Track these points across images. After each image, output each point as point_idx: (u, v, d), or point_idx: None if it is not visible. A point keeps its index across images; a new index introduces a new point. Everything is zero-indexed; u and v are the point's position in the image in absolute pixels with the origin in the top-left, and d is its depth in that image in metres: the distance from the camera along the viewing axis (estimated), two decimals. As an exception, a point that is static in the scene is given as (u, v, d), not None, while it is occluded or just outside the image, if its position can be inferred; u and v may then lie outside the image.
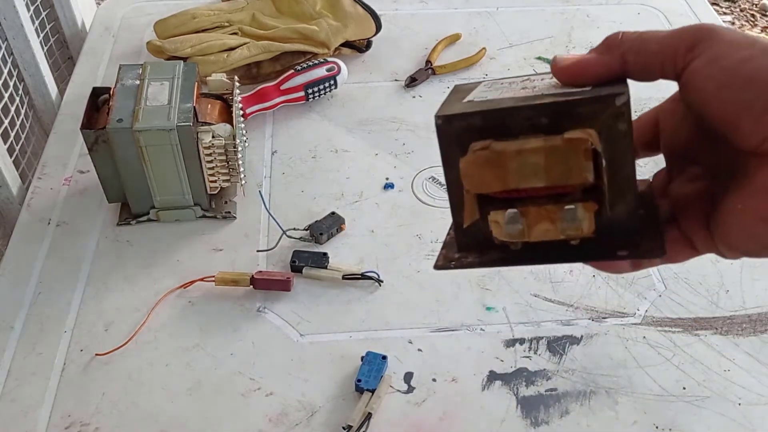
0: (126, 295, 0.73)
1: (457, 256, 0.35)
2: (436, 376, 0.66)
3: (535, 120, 0.31)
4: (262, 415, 0.63)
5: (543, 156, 0.31)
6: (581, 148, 0.30)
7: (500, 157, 0.31)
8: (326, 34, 0.95)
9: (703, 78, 0.30)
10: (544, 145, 0.31)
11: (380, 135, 0.91)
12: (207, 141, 0.73)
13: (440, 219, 0.80)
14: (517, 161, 0.31)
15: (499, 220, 0.32)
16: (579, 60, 0.33)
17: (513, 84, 0.35)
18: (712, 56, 0.30)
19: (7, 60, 0.92)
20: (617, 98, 0.30)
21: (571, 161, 0.31)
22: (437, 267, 0.36)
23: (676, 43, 0.31)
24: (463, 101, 0.34)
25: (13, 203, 0.85)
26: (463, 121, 0.32)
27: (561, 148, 0.30)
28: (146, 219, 0.79)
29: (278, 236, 0.76)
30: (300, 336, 0.69)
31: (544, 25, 1.09)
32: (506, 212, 0.32)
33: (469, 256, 0.35)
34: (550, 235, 0.32)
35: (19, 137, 0.91)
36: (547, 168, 0.31)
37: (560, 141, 0.31)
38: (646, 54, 0.32)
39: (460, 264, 0.35)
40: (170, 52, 0.92)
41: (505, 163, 0.31)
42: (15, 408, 0.64)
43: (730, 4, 2.39)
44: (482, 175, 0.32)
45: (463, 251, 0.35)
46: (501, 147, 0.31)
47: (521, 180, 0.31)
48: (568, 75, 0.33)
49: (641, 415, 0.64)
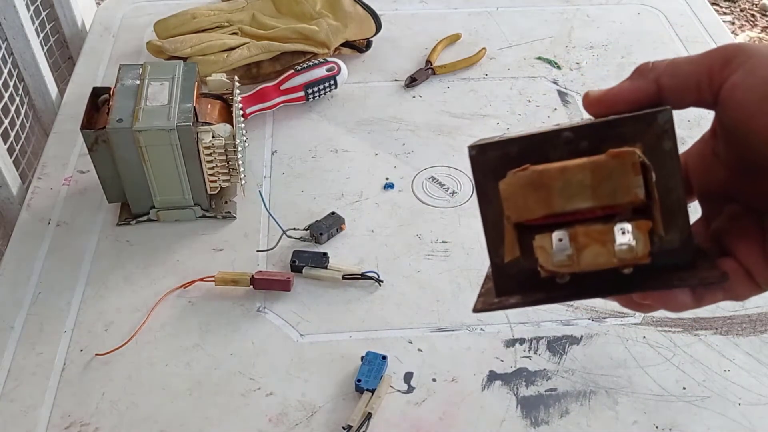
0: (126, 295, 0.73)
1: (497, 300, 0.32)
2: (436, 376, 0.66)
3: (575, 144, 0.30)
4: (262, 415, 0.63)
5: (589, 173, 0.29)
6: (629, 162, 0.29)
7: (543, 177, 0.29)
8: (326, 34, 0.95)
9: (745, 90, 0.29)
10: (589, 161, 0.29)
11: (380, 135, 0.91)
12: (207, 141, 0.73)
13: (440, 219, 0.80)
14: (562, 180, 0.29)
15: (546, 245, 0.30)
16: (612, 88, 0.32)
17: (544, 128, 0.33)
18: (750, 68, 0.29)
19: (7, 60, 0.92)
20: (660, 115, 0.29)
21: (619, 177, 0.29)
22: (476, 310, 0.33)
23: (710, 62, 0.30)
24: (492, 139, 0.32)
25: (13, 203, 0.85)
26: (499, 150, 0.31)
27: (608, 163, 0.29)
28: (146, 219, 0.79)
29: (278, 236, 0.76)
30: (300, 336, 0.69)
31: (544, 25, 1.09)
32: (553, 234, 0.29)
33: (511, 299, 0.32)
34: (601, 260, 0.29)
35: (19, 137, 0.91)
36: (594, 186, 0.29)
37: (607, 156, 0.29)
38: (681, 76, 0.31)
39: (502, 305, 0.32)
40: (170, 52, 0.92)
41: (549, 184, 0.29)
42: (15, 408, 0.64)
43: (730, 4, 2.39)
44: (525, 199, 0.30)
45: (503, 295, 0.32)
46: (543, 167, 0.29)
47: (567, 201, 0.29)
48: (604, 105, 0.32)
49: (641, 415, 0.64)
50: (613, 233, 0.29)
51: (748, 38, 2.25)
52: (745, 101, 0.29)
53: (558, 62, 1.02)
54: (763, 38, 2.25)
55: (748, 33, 2.27)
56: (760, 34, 2.27)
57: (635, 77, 0.32)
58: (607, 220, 0.29)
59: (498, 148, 0.31)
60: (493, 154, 0.31)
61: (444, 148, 0.89)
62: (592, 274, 0.30)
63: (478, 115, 0.94)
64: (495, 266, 0.32)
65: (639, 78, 0.32)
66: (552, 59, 1.03)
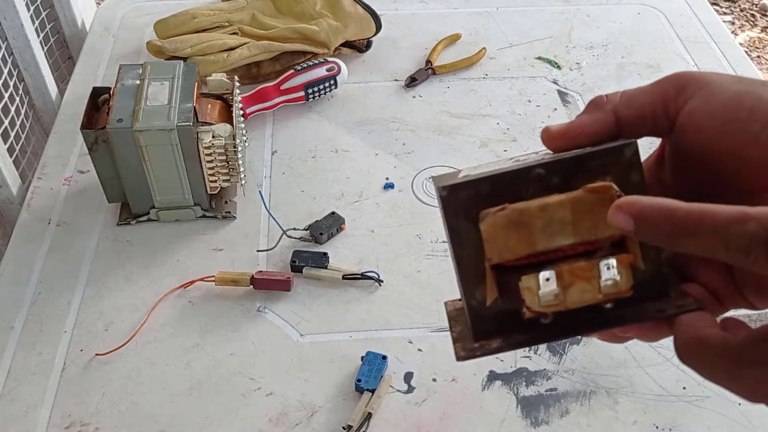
0: (126, 295, 0.73)
1: (477, 345, 0.32)
2: (436, 376, 0.66)
3: (546, 180, 0.30)
4: (262, 415, 0.63)
5: (569, 210, 0.29)
6: (607, 197, 0.29)
7: (524, 216, 0.29)
8: (326, 34, 0.95)
9: (704, 116, 0.29)
10: (567, 197, 0.29)
11: (380, 135, 0.91)
12: (207, 141, 0.73)
13: (440, 219, 0.80)
14: (543, 219, 0.29)
15: (533, 286, 0.29)
16: (571, 123, 0.32)
17: (500, 162, 0.33)
18: (708, 93, 0.30)
19: (7, 60, 0.92)
20: (626, 148, 0.30)
21: (598, 212, 0.29)
22: (460, 358, 0.32)
23: (663, 90, 0.31)
24: (458, 177, 0.31)
25: (13, 203, 0.85)
26: (471, 189, 0.30)
27: (586, 198, 0.29)
28: (146, 219, 0.79)
29: (278, 236, 0.76)
30: (300, 336, 0.69)
31: (544, 25, 1.09)
32: (540, 275, 0.29)
33: (492, 342, 0.32)
34: (587, 297, 0.29)
35: (19, 137, 0.92)
36: (575, 222, 0.29)
37: (583, 191, 0.29)
38: (637, 106, 0.31)
39: (486, 351, 0.32)
40: (170, 52, 0.92)
41: (530, 222, 0.29)
42: (15, 408, 0.64)
43: (730, 4, 2.39)
44: (506, 239, 0.29)
45: (481, 339, 0.32)
46: (522, 205, 0.29)
47: (549, 240, 0.29)
48: (565, 139, 0.32)
49: (641, 415, 0.64)
50: (598, 269, 0.29)
51: (748, 38, 2.25)
52: (705, 126, 0.30)
53: (558, 62, 1.02)
54: (763, 38, 2.25)
55: (748, 33, 2.27)
56: (760, 34, 2.27)
57: (591, 110, 0.32)
58: (589, 255, 0.30)
59: (469, 188, 0.30)
60: (464, 194, 0.30)
61: (444, 148, 0.89)
62: (573, 311, 0.30)
63: (478, 115, 0.94)
64: (471, 308, 0.32)
65: (596, 110, 0.32)
66: (552, 59, 1.03)
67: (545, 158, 0.31)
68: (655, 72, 1.00)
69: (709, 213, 0.25)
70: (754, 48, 2.21)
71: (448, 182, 0.31)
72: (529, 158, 0.33)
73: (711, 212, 0.25)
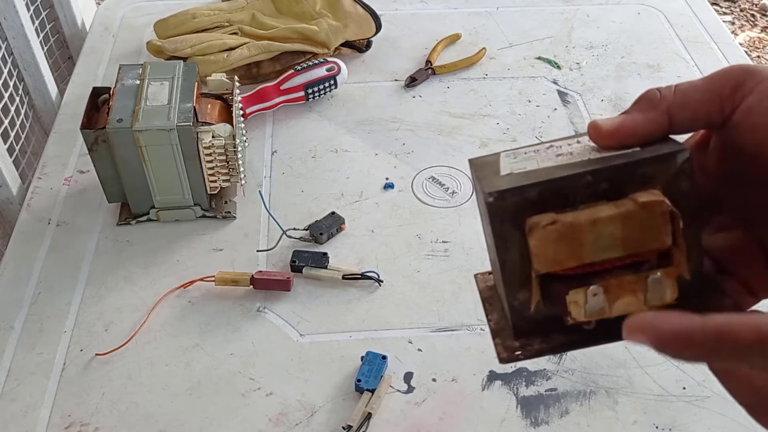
0: (126, 295, 0.73)
1: (518, 344, 0.32)
2: (436, 376, 0.66)
3: (594, 187, 0.30)
4: (262, 415, 0.63)
5: (620, 225, 0.29)
6: (659, 212, 0.29)
7: (575, 231, 0.29)
8: (326, 34, 0.95)
9: (762, 114, 0.29)
10: (618, 212, 0.29)
11: (380, 135, 0.91)
12: (207, 141, 0.73)
13: (440, 219, 0.80)
14: (593, 233, 0.29)
15: (580, 300, 0.30)
16: (624, 122, 0.31)
17: (540, 152, 0.33)
18: (764, 91, 0.29)
19: (7, 60, 0.92)
20: (679, 156, 0.29)
21: (649, 227, 0.29)
22: (503, 360, 0.32)
23: (719, 87, 0.30)
24: (501, 175, 0.31)
25: (13, 203, 0.85)
26: (519, 195, 0.30)
27: (638, 214, 0.29)
28: (146, 219, 0.79)
29: (278, 236, 0.76)
30: (300, 336, 0.69)
31: (544, 25, 1.09)
32: (588, 290, 0.29)
33: (534, 342, 0.32)
34: (632, 308, 0.30)
35: (19, 137, 0.92)
36: (625, 237, 0.29)
37: (635, 206, 0.29)
38: (692, 105, 0.30)
39: (529, 353, 0.32)
40: (170, 52, 0.92)
41: (580, 237, 0.29)
42: (15, 408, 0.64)
43: (730, 4, 2.39)
44: (555, 253, 0.29)
45: (522, 337, 0.32)
46: (571, 219, 0.29)
47: (597, 253, 0.29)
48: (615, 139, 0.31)
49: (641, 415, 0.64)
50: (645, 283, 0.29)
51: (748, 38, 2.25)
52: (762, 125, 0.29)
53: (558, 62, 1.02)
54: (763, 38, 2.25)
55: (748, 33, 2.27)
56: (760, 34, 2.27)
57: (645, 108, 0.31)
58: (635, 267, 0.30)
59: (517, 194, 0.30)
60: (511, 200, 0.30)
61: (444, 148, 0.89)
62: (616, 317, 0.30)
63: (478, 115, 0.94)
64: (512, 308, 0.32)
65: (650, 110, 0.31)
66: (552, 59, 1.03)
67: (592, 157, 0.31)
68: (655, 72, 1.00)
69: (727, 335, 0.24)
70: (754, 48, 2.21)
71: (493, 183, 0.30)
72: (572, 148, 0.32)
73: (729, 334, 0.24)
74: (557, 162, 0.31)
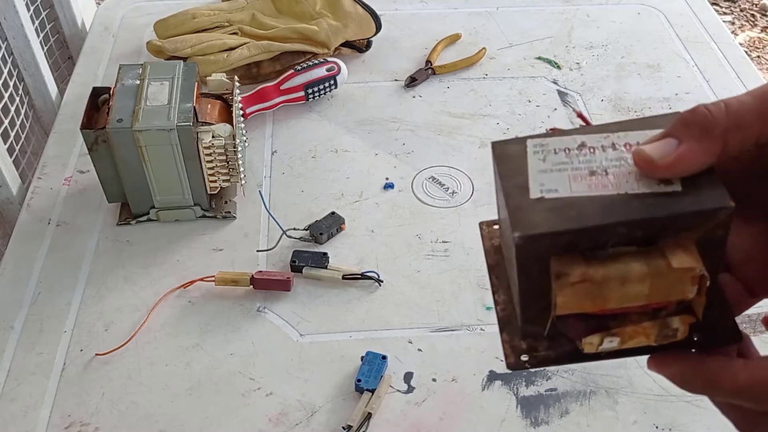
0: (126, 295, 0.73)
1: (525, 346, 0.33)
2: (436, 376, 0.66)
3: (629, 236, 0.29)
4: (262, 415, 0.63)
5: (648, 284, 0.29)
6: (689, 276, 0.29)
7: (603, 289, 0.29)
8: (326, 34, 0.95)
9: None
10: (649, 272, 0.29)
11: (380, 135, 0.91)
12: (207, 141, 0.73)
13: (440, 219, 0.80)
14: (620, 291, 0.29)
15: (594, 342, 0.31)
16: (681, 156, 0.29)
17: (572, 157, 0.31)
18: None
19: (7, 60, 0.92)
20: (722, 212, 0.28)
21: (677, 286, 0.29)
22: (510, 366, 0.33)
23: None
24: (530, 197, 0.30)
25: (13, 203, 0.85)
26: (548, 240, 0.29)
27: (668, 275, 0.29)
28: (146, 219, 0.79)
29: (278, 236, 0.76)
30: (300, 336, 0.69)
31: (544, 25, 1.09)
32: (606, 339, 0.31)
33: (539, 347, 0.33)
34: (642, 345, 0.31)
35: (19, 137, 0.92)
36: (650, 293, 0.29)
37: (667, 269, 0.29)
38: (745, 126, 0.29)
39: (535, 362, 0.33)
40: (170, 52, 0.92)
41: (606, 293, 0.29)
42: (15, 408, 0.64)
43: (730, 4, 2.39)
44: (580, 305, 0.30)
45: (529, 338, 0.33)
46: (601, 276, 0.29)
47: (621, 303, 0.30)
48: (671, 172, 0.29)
49: (641, 415, 0.64)
50: (660, 326, 0.30)
51: (748, 38, 2.25)
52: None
53: (558, 62, 1.02)
54: (763, 38, 2.25)
55: (748, 33, 2.27)
56: (760, 34, 2.27)
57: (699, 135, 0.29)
58: (654, 313, 0.30)
59: (548, 239, 0.29)
60: (541, 244, 0.29)
61: (444, 148, 0.89)
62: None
63: (478, 115, 0.94)
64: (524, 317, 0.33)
65: (705, 137, 0.29)
66: (552, 59, 1.03)
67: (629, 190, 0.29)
68: (655, 72, 1.00)
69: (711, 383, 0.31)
70: (754, 48, 2.21)
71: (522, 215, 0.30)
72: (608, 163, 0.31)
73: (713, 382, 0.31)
74: (591, 188, 0.30)
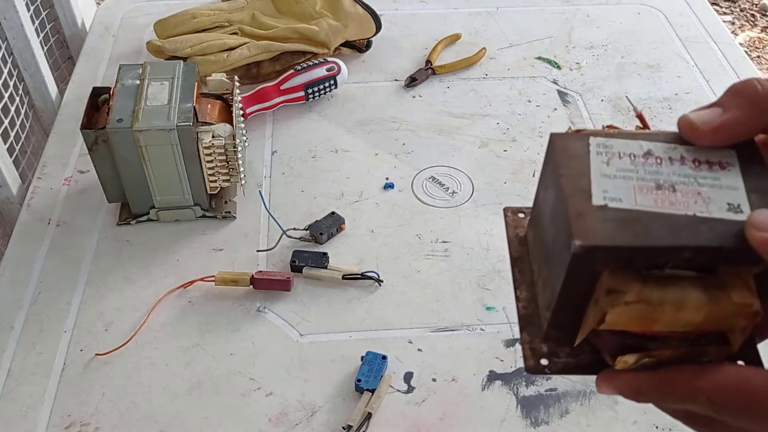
0: (126, 295, 0.73)
1: (546, 349, 0.33)
2: (436, 376, 0.66)
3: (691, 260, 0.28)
4: (262, 415, 0.63)
5: (703, 316, 0.28)
6: (744, 312, 0.28)
7: (656, 314, 0.28)
8: (326, 34, 0.95)
9: None
10: (707, 302, 0.28)
11: (380, 135, 0.91)
12: (207, 141, 0.73)
13: (440, 219, 0.80)
14: (673, 316, 0.28)
15: (629, 361, 0.30)
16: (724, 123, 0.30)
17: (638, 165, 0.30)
18: None
19: (7, 60, 0.92)
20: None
21: (729, 320, 0.28)
22: (529, 370, 0.32)
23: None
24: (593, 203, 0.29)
25: (13, 203, 0.85)
26: (607, 254, 0.28)
27: (725, 309, 0.28)
28: (146, 219, 0.79)
29: (278, 236, 0.76)
30: (300, 336, 0.69)
31: (544, 25, 1.09)
32: (642, 360, 0.29)
33: (561, 353, 0.32)
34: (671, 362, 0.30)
35: (19, 137, 0.91)
36: (701, 323, 0.28)
37: (726, 300, 0.28)
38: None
39: (556, 368, 0.32)
40: (170, 52, 0.92)
41: (658, 316, 0.28)
42: (15, 408, 0.64)
43: (730, 4, 2.39)
44: (627, 323, 0.29)
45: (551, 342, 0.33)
46: (657, 298, 0.28)
47: (668, 328, 0.29)
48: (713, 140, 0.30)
49: (641, 415, 0.64)
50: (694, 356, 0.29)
51: (748, 38, 2.25)
52: None
53: (558, 62, 1.02)
54: (763, 38, 2.25)
55: (748, 33, 2.27)
56: (760, 34, 2.27)
57: (746, 105, 0.30)
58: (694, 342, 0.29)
59: (608, 251, 0.28)
60: (599, 255, 0.28)
61: (444, 148, 0.89)
62: None
63: (478, 115, 0.94)
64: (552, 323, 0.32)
65: (750, 107, 0.30)
66: (552, 59, 1.03)
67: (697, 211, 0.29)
68: (655, 72, 1.00)
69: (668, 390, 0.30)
70: (754, 48, 2.21)
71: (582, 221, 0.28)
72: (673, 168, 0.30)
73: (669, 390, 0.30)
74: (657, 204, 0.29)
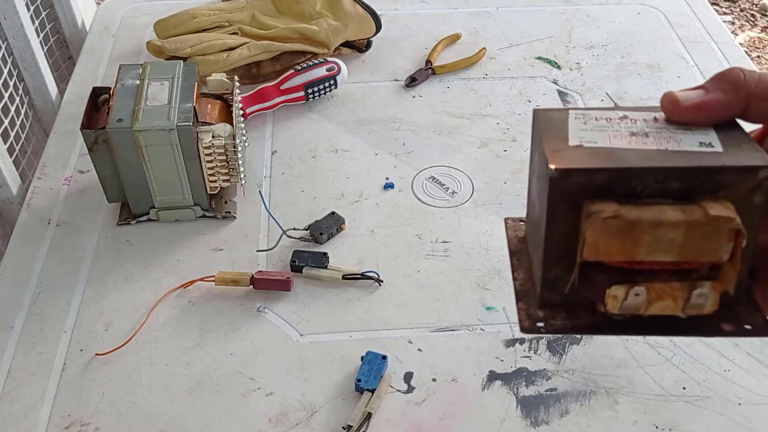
0: (126, 295, 0.73)
1: (542, 314, 0.32)
2: (436, 376, 0.66)
3: (666, 184, 0.29)
4: (262, 415, 0.63)
5: (683, 232, 0.28)
6: (726, 228, 0.28)
7: (634, 228, 0.28)
8: (326, 34, 0.95)
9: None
10: (685, 219, 0.28)
11: (380, 135, 0.91)
12: (207, 141, 0.73)
13: (440, 219, 0.80)
14: (652, 235, 0.28)
15: (619, 295, 0.29)
16: (705, 102, 0.31)
17: (613, 122, 0.32)
18: None
19: (7, 60, 0.92)
20: (761, 171, 0.28)
21: (711, 240, 0.28)
22: (525, 330, 0.32)
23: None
24: (569, 145, 0.30)
25: (13, 203, 0.85)
26: (585, 177, 0.29)
27: (704, 225, 0.28)
28: (146, 219, 0.79)
29: (278, 236, 0.76)
30: (300, 336, 0.69)
31: (544, 25, 1.09)
32: (632, 290, 0.29)
33: (557, 317, 0.32)
34: (668, 312, 0.29)
35: (19, 137, 0.92)
36: (683, 245, 0.28)
37: (703, 217, 0.28)
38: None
39: (551, 328, 0.32)
40: (170, 52, 0.92)
41: (638, 236, 0.28)
42: (15, 408, 0.64)
43: (730, 4, 2.39)
44: (608, 246, 0.29)
45: (546, 309, 0.32)
46: (635, 216, 0.28)
47: (651, 254, 0.28)
48: (692, 116, 0.31)
49: (641, 415, 0.64)
50: (689, 291, 0.29)
51: (748, 38, 2.25)
52: None
53: (558, 62, 1.02)
54: (763, 38, 2.25)
55: (748, 33, 2.27)
56: (760, 34, 2.27)
57: (726, 89, 0.31)
58: (683, 273, 0.29)
59: (584, 175, 0.29)
60: (577, 180, 0.29)
61: (444, 148, 0.89)
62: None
63: (478, 115, 0.94)
64: (546, 280, 0.32)
65: (731, 91, 0.31)
66: (552, 59, 1.03)
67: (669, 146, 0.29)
68: (655, 72, 1.00)
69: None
70: (754, 48, 2.21)
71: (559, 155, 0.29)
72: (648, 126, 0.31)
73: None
74: (630, 143, 0.30)
